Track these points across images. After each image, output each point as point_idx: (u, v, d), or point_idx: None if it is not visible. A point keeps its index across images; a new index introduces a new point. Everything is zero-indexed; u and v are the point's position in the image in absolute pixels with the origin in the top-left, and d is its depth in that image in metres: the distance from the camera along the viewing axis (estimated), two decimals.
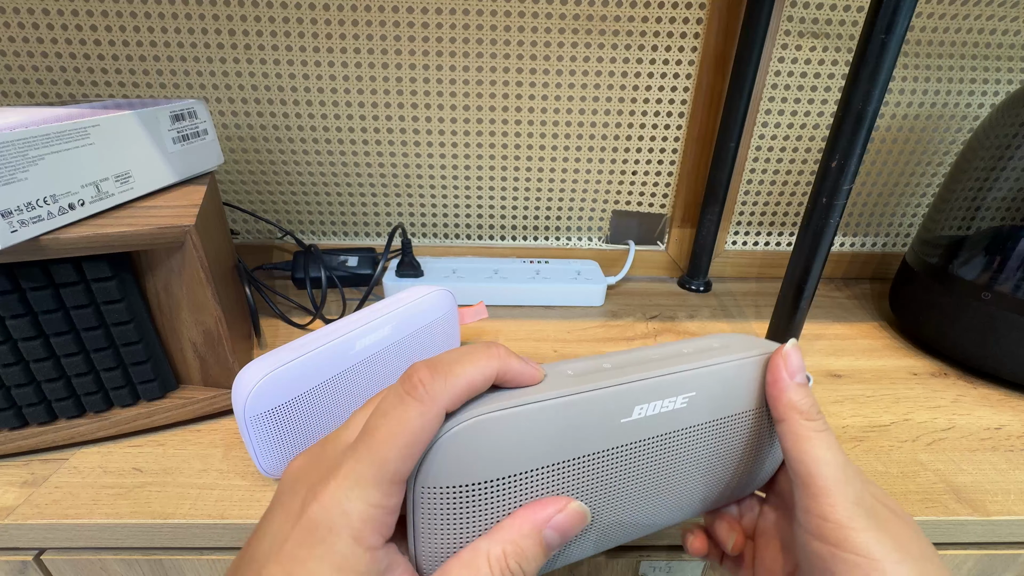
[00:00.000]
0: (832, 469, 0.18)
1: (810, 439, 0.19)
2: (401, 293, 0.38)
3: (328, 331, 0.33)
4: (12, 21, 0.47)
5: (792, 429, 0.19)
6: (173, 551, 0.32)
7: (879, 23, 0.30)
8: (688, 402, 0.20)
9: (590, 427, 0.19)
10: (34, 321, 0.30)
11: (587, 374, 0.20)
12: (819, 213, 0.36)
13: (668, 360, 0.21)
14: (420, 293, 0.38)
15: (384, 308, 0.36)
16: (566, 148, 0.56)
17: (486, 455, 0.17)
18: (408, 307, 0.36)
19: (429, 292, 0.38)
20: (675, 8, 0.50)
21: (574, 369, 0.20)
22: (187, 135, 0.38)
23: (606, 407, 0.19)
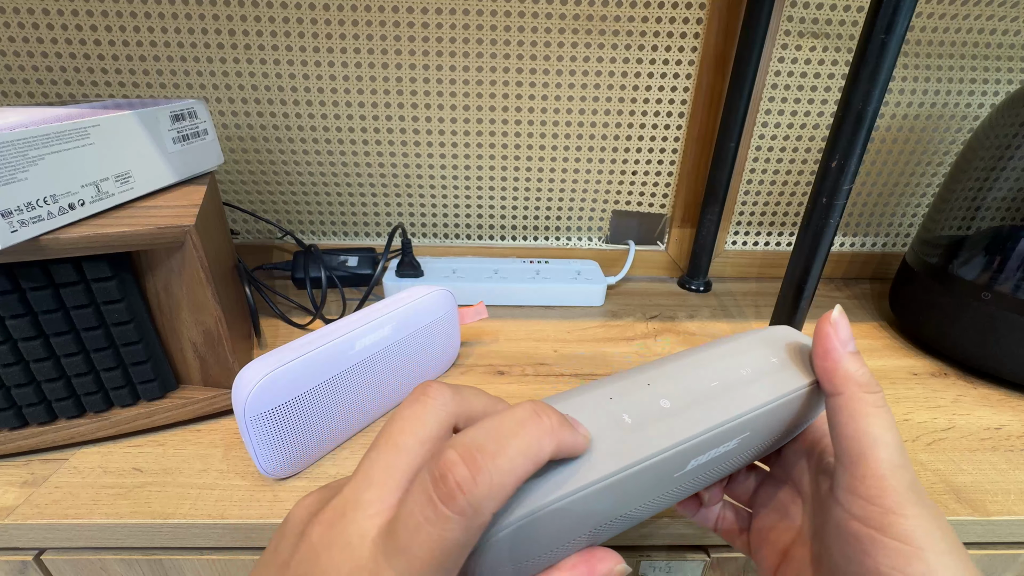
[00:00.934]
0: (890, 452, 0.17)
1: (869, 416, 0.17)
2: (401, 293, 0.38)
3: (328, 331, 0.33)
4: (12, 21, 0.47)
5: (849, 404, 0.17)
6: (173, 551, 0.32)
7: (879, 23, 0.30)
8: (739, 442, 0.19)
9: (645, 488, 0.17)
10: (34, 321, 0.30)
11: (644, 424, 0.17)
12: (819, 213, 0.36)
13: (730, 394, 0.19)
14: (420, 293, 0.38)
15: (384, 308, 0.36)
16: (566, 148, 0.56)
17: (542, 542, 0.16)
18: (408, 307, 0.36)
19: (429, 292, 0.38)
20: (675, 8, 0.50)
21: (629, 414, 0.17)
22: (187, 135, 0.38)
23: (664, 468, 0.17)
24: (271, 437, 0.30)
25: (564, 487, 0.15)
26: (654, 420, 0.18)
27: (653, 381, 0.19)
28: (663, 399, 0.18)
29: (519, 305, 0.54)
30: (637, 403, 0.18)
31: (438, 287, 0.39)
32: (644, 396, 0.19)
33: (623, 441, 0.17)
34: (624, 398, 0.18)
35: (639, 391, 0.19)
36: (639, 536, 0.33)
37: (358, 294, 0.55)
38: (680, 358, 0.22)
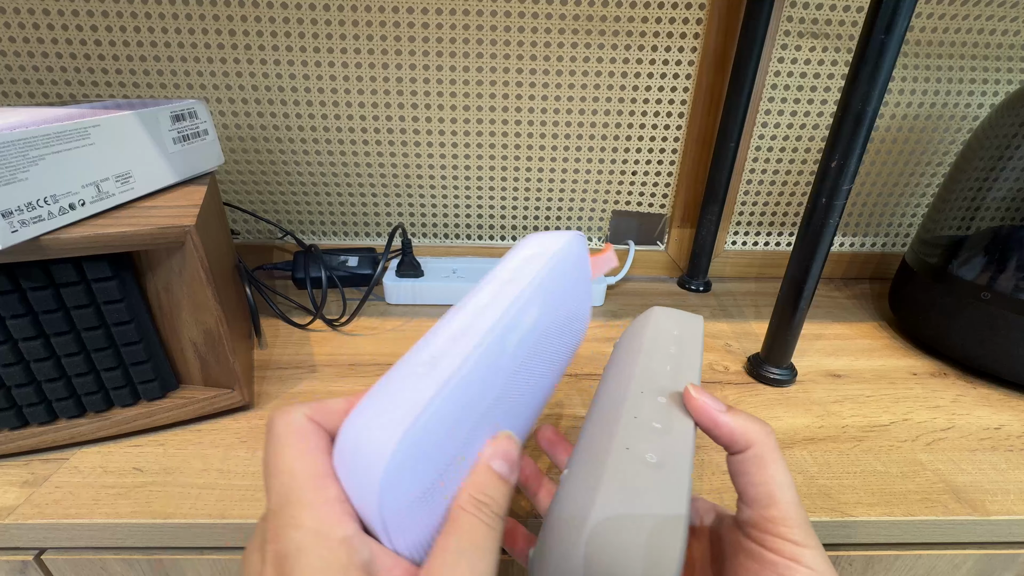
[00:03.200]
0: (792, 493, 0.19)
1: (775, 463, 0.20)
2: (518, 249, 0.27)
3: (450, 329, 0.21)
4: (12, 21, 0.47)
5: (759, 454, 0.20)
6: (173, 551, 0.32)
7: (879, 23, 0.30)
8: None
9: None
10: (34, 321, 0.30)
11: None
12: (819, 213, 0.36)
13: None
14: (546, 245, 0.26)
15: (513, 275, 0.24)
16: (566, 148, 0.56)
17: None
18: (546, 268, 0.25)
19: (558, 242, 0.27)
20: (675, 8, 0.50)
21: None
22: (187, 135, 0.38)
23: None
24: (422, 522, 0.18)
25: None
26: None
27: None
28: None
29: None
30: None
31: (564, 233, 0.28)
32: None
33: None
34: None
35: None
36: None
37: (358, 294, 0.55)
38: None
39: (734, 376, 0.44)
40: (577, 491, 0.20)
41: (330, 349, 0.46)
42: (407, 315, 0.52)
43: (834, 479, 0.34)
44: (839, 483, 0.33)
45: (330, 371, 0.43)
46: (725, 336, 0.50)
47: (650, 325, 0.29)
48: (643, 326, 0.29)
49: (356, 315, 0.50)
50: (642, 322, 0.30)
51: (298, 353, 0.45)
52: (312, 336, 0.48)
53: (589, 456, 0.21)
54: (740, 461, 0.21)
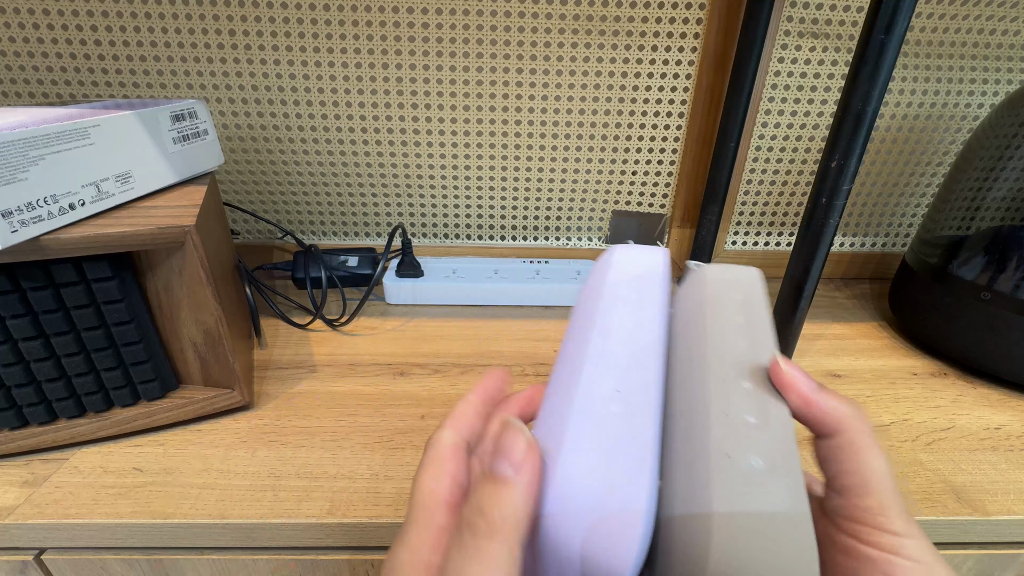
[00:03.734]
0: (889, 481, 0.18)
1: (870, 449, 0.18)
2: (619, 266, 0.26)
3: (608, 378, 0.20)
4: (12, 21, 0.47)
5: (850, 440, 0.18)
6: (173, 551, 0.32)
7: (879, 23, 0.30)
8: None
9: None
10: (34, 321, 0.30)
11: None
12: (819, 213, 0.36)
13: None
14: (652, 267, 0.26)
15: (642, 298, 0.24)
16: (566, 148, 0.56)
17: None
18: (663, 299, 0.24)
19: (658, 260, 0.26)
20: (675, 8, 0.50)
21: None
22: (187, 135, 0.38)
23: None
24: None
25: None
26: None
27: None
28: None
29: (519, 305, 0.54)
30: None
31: (653, 249, 0.27)
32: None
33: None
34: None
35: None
36: None
37: (358, 294, 0.55)
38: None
39: None
40: (686, 522, 0.17)
41: (330, 349, 0.46)
42: (407, 315, 0.52)
43: None
44: None
45: (330, 371, 0.43)
46: None
47: (708, 289, 0.25)
48: (699, 292, 0.25)
49: (356, 315, 0.50)
50: (695, 287, 0.25)
51: (298, 353, 0.45)
52: (312, 336, 0.48)
53: (686, 467, 0.18)
54: (830, 447, 0.19)
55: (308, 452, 0.34)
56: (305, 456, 0.34)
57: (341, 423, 0.37)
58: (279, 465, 0.33)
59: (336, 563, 0.32)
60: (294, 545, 0.31)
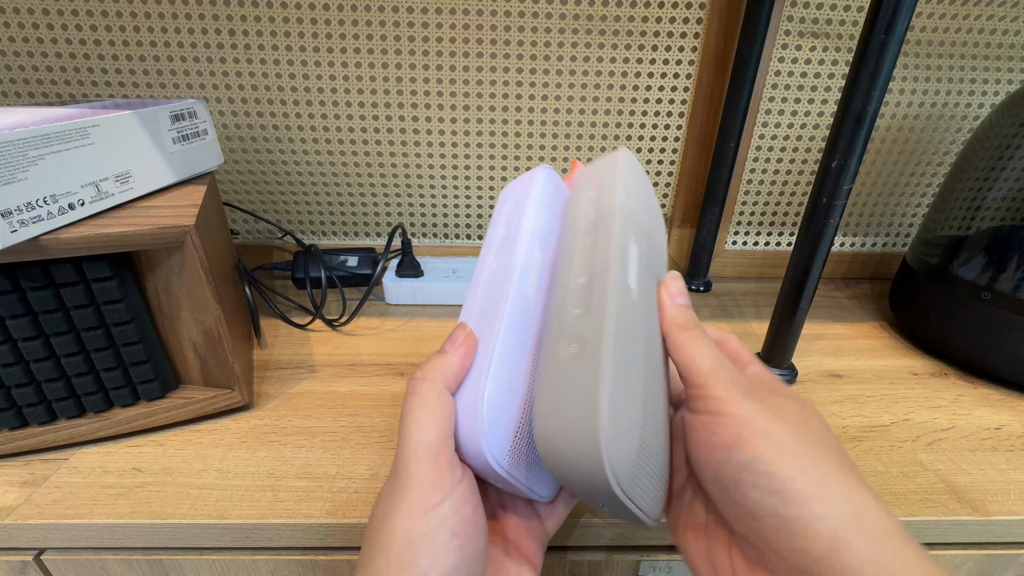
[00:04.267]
0: (709, 361, 0.20)
1: (687, 342, 0.21)
2: (501, 206, 0.30)
3: (476, 301, 0.26)
4: (12, 21, 0.47)
5: (674, 340, 0.22)
6: (173, 551, 0.32)
7: (879, 23, 0.30)
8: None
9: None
10: (34, 321, 0.30)
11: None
12: (819, 213, 0.36)
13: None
14: (521, 192, 0.29)
15: (507, 231, 0.28)
16: (566, 148, 0.56)
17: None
18: (533, 216, 0.28)
19: (531, 184, 0.29)
20: (675, 8, 0.50)
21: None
22: (187, 135, 0.38)
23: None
24: (531, 459, 0.23)
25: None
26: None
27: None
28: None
29: None
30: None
31: (534, 172, 0.30)
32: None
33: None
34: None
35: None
36: (640, 536, 0.33)
37: (358, 294, 0.55)
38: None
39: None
40: (531, 405, 0.23)
41: (330, 349, 0.46)
42: (407, 315, 0.52)
43: None
44: None
45: (330, 371, 0.43)
46: None
47: (573, 192, 0.29)
48: (574, 200, 0.28)
49: (356, 315, 0.50)
50: (575, 195, 0.29)
51: (298, 353, 0.45)
52: (312, 336, 0.48)
53: (537, 362, 0.24)
54: (669, 351, 0.22)
55: (308, 452, 0.34)
56: (305, 456, 0.34)
57: (341, 423, 0.37)
58: (279, 465, 0.33)
59: (336, 563, 0.32)
60: (294, 545, 0.31)
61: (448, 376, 0.22)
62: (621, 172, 0.26)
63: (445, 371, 0.22)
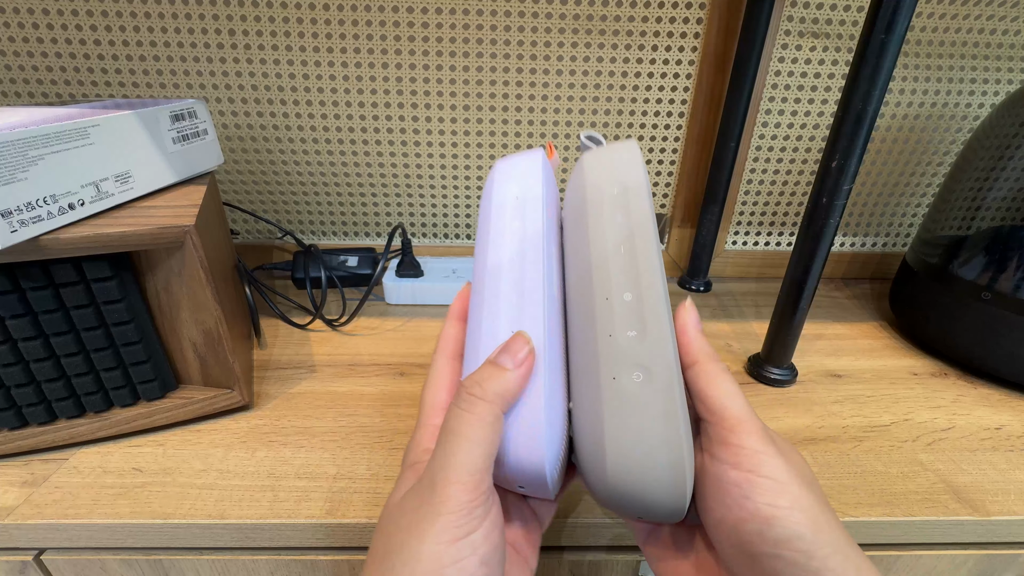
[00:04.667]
0: (742, 402, 0.20)
1: (720, 377, 0.21)
2: (503, 184, 0.28)
3: (510, 301, 0.24)
4: (12, 21, 0.47)
5: (705, 369, 0.21)
6: (173, 551, 0.32)
7: (879, 23, 0.30)
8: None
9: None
10: (34, 321, 0.30)
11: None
12: (819, 213, 0.36)
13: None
14: (528, 183, 0.27)
15: (524, 233, 0.26)
16: (566, 148, 0.56)
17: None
18: (548, 215, 0.27)
19: (534, 172, 0.28)
20: (675, 8, 0.50)
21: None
22: (187, 135, 0.38)
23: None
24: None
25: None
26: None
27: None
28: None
29: None
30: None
31: (533, 157, 0.29)
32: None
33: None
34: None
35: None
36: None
37: (358, 294, 0.55)
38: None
39: (734, 376, 0.44)
40: (586, 428, 0.21)
41: (330, 349, 0.46)
42: (407, 315, 0.52)
43: (835, 479, 0.34)
44: (839, 483, 0.33)
45: (330, 371, 0.43)
46: (725, 336, 0.50)
47: (588, 187, 0.26)
48: (580, 191, 0.26)
49: (356, 315, 0.50)
50: (578, 183, 0.27)
51: (298, 353, 0.45)
52: (312, 336, 0.48)
53: (585, 390, 0.22)
54: (691, 377, 0.21)
55: (308, 452, 0.34)
56: (305, 456, 0.34)
57: (341, 423, 0.37)
58: (279, 465, 0.33)
59: (336, 563, 0.32)
60: (294, 545, 0.31)
61: (507, 399, 0.21)
62: (642, 174, 0.25)
63: (504, 393, 0.21)
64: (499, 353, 0.22)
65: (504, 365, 0.21)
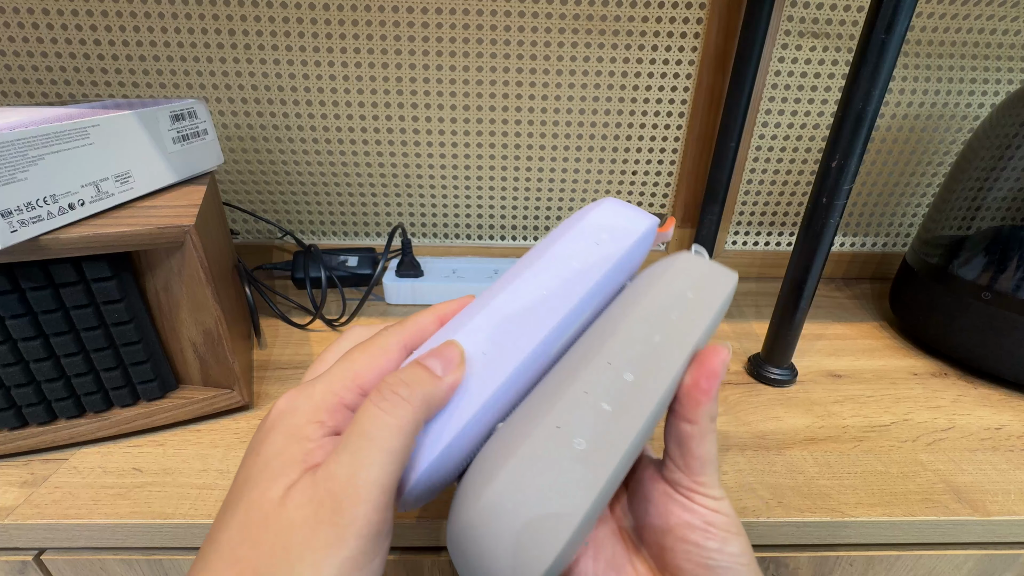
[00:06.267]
0: (715, 464, 0.22)
1: (711, 438, 0.22)
2: (594, 220, 0.26)
3: (500, 327, 0.22)
4: (12, 21, 0.47)
5: (701, 431, 0.21)
6: (173, 551, 0.32)
7: (879, 23, 0.30)
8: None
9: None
10: (34, 321, 0.30)
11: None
12: (819, 213, 0.36)
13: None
14: (622, 229, 0.26)
15: (584, 265, 0.24)
16: (566, 148, 0.56)
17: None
18: (615, 265, 0.24)
19: (636, 229, 0.26)
20: (675, 8, 0.50)
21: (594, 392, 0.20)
22: (187, 135, 0.38)
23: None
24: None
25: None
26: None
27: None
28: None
29: None
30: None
31: (645, 218, 0.27)
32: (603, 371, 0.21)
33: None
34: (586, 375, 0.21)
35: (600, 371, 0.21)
36: None
37: (358, 294, 0.55)
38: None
39: (734, 376, 0.44)
40: (492, 455, 0.19)
41: None
42: (407, 315, 0.52)
43: (835, 480, 0.34)
44: (840, 484, 0.33)
45: None
46: (725, 336, 0.50)
47: (664, 277, 0.24)
48: (656, 276, 0.25)
49: (356, 315, 0.50)
50: (661, 268, 0.25)
51: (298, 353, 0.45)
52: (312, 336, 0.48)
53: (522, 419, 0.20)
54: (685, 432, 0.21)
55: None
56: None
57: None
58: None
59: None
60: None
61: (431, 406, 0.19)
62: (721, 300, 0.24)
63: (431, 399, 0.19)
64: (429, 356, 0.20)
65: (434, 370, 0.19)
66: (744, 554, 0.21)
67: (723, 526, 0.21)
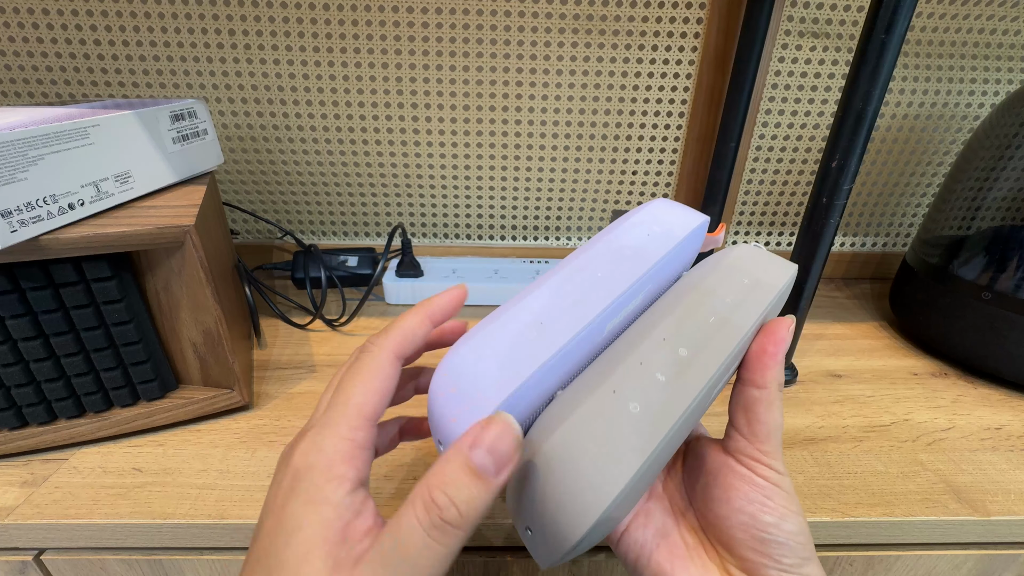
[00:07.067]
0: (780, 433, 0.22)
1: (778, 406, 0.22)
2: (644, 217, 0.26)
3: (561, 295, 0.22)
4: (12, 21, 0.47)
5: (768, 397, 0.22)
6: (173, 551, 0.32)
7: (879, 23, 0.30)
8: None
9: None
10: (34, 321, 0.30)
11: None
12: (819, 213, 0.36)
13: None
14: (673, 225, 0.26)
15: (636, 252, 0.24)
16: (566, 148, 0.56)
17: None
18: (667, 259, 0.25)
19: (687, 225, 0.27)
20: (675, 8, 0.50)
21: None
22: (187, 135, 0.38)
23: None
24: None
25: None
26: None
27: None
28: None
29: None
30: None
31: (696, 215, 0.28)
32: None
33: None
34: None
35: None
36: None
37: (358, 294, 0.55)
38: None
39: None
40: (550, 415, 0.20)
41: (330, 349, 0.46)
42: None
43: (835, 479, 0.34)
44: (840, 483, 0.33)
45: (330, 371, 0.43)
46: None
47: (722, 264, 0.25)
48: (714, 263, 0.26)
49: (356, 315, 0.50)
50: (717, 258, 0.26)
51: (298, 353, 0.45)
52: (312, 336, 0.48)
53: (580, 386, 0.21)
54: (752, 398, 0.22)
55: None
56: None
57: None
58: None
59: None
60: None
61: (475, 518, 0.17)
62: (779, 288, 0.25)
63: (483, 510, 0.17)
64: (478, 448, 0.17)
65: (486, 473, 0.17)
66: (801, 533, 0.21)
67: (782, 501, 0.21)
